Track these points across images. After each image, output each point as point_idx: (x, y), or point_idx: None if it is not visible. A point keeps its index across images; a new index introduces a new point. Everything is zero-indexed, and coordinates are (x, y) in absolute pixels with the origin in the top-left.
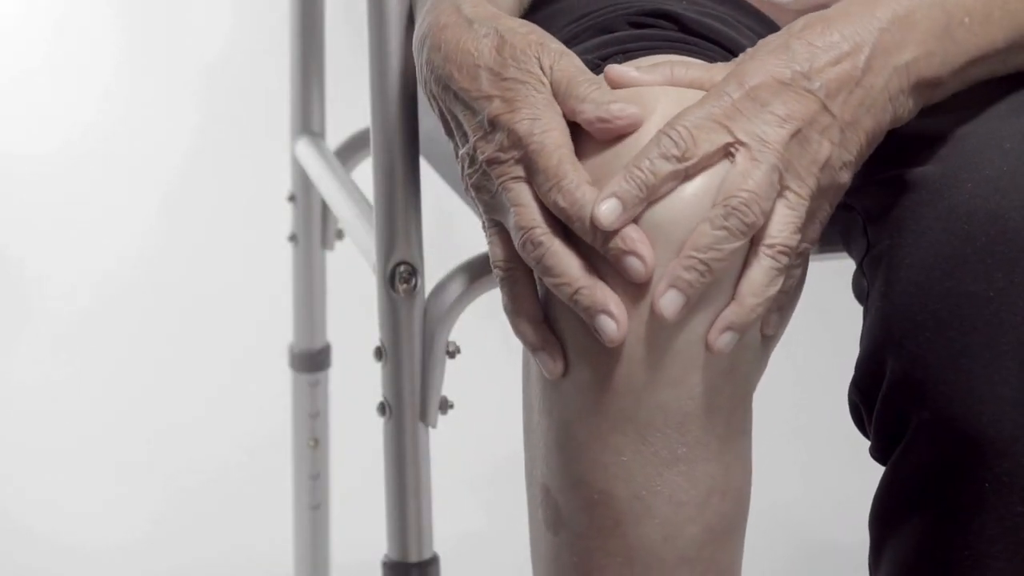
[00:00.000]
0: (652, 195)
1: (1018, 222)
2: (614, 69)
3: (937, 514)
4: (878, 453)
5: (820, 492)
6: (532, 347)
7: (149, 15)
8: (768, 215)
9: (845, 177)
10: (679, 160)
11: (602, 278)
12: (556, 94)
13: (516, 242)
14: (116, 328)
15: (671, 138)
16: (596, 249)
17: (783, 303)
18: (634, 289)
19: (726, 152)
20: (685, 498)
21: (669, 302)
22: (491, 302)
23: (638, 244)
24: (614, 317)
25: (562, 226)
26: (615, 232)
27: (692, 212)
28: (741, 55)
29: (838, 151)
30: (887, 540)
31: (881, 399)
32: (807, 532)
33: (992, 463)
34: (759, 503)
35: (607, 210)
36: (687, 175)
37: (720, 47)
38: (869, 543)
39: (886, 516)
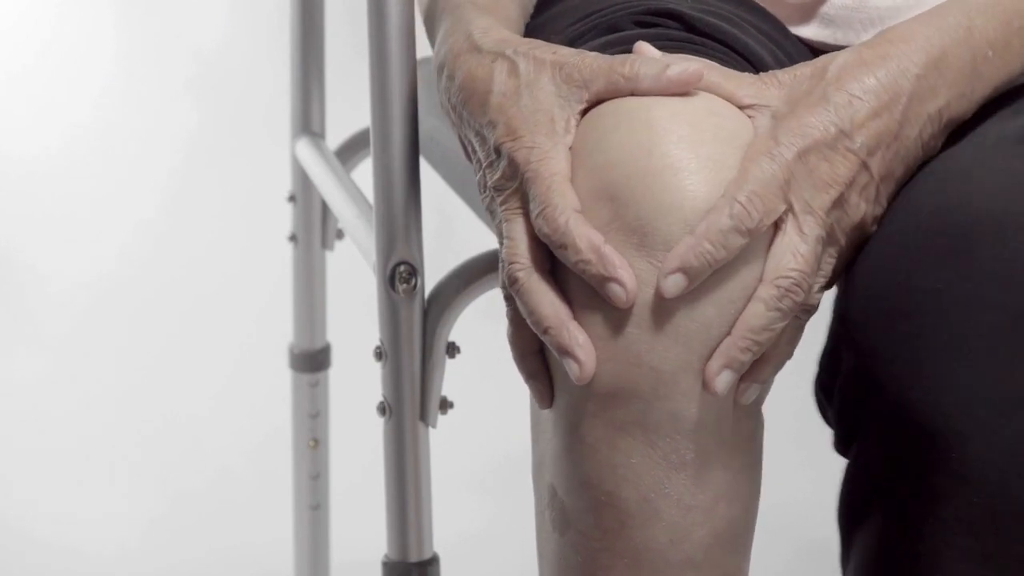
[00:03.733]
0: (717, 267)
1: (965, 215)
2: (645, 46)
3: (897, 508)
4: (840, 447)
5: (820, 492)
6: (523, 376)
7: (148, 14)
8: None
9: (873, 230)
10: (751, 233)
11: (587, 305)
12: (598, 88)
13: (502, 274)
14: (115, 328)
15: (744, 208)
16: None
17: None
18: (650, 298)
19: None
20: (693, 502)
21: (723, 381)
22: (491, 302)
23: (619, 271)
24: (578, 360)
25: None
26: (596, 258)
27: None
28: (768, 78)
29: (872, 207)
30: (854, 536)
31: (838, 392)
32: (807, 532)
33: (946, 455)
34: (761, 502)
35: (672, 286)
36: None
37: (725, 46)
38: (839, 540)
39: (851, 511)
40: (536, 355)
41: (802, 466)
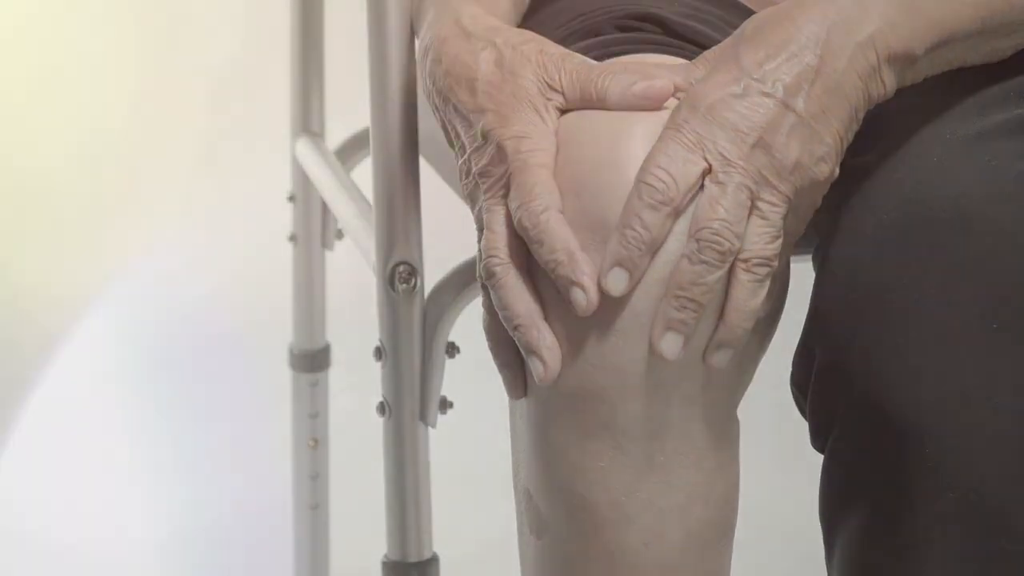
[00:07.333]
0: (653, 248)
1: (936, 210)
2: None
3: (875, 503)
4: (816, 442)
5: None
6: (497, 365)
7: (149, 16)
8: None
9: (823, 169)
10: (665, 204)
11: (555, 305)
12: (573, 99)
13: (479, 264)
14: (115, 327)
15: (651, 184)
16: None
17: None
18: (611, 298)
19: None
20: (665, 505)
21: (668, 344)
22: None
23: (584, 277)
24: (543, 360)
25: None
26: (567, 260)
27: (674, 246)
28: (699, 59)
29: (809, 147)
30: (836, 534)
31: (811, 388)
32: (806, 533)
33: (920, 450)
34: (758, 504)
35: (614, 281)
36: (679, 211)
37: (705, 50)
38: (823, 537)
39: (831, 509)
40: (511, 345)
41: (800, 467)
